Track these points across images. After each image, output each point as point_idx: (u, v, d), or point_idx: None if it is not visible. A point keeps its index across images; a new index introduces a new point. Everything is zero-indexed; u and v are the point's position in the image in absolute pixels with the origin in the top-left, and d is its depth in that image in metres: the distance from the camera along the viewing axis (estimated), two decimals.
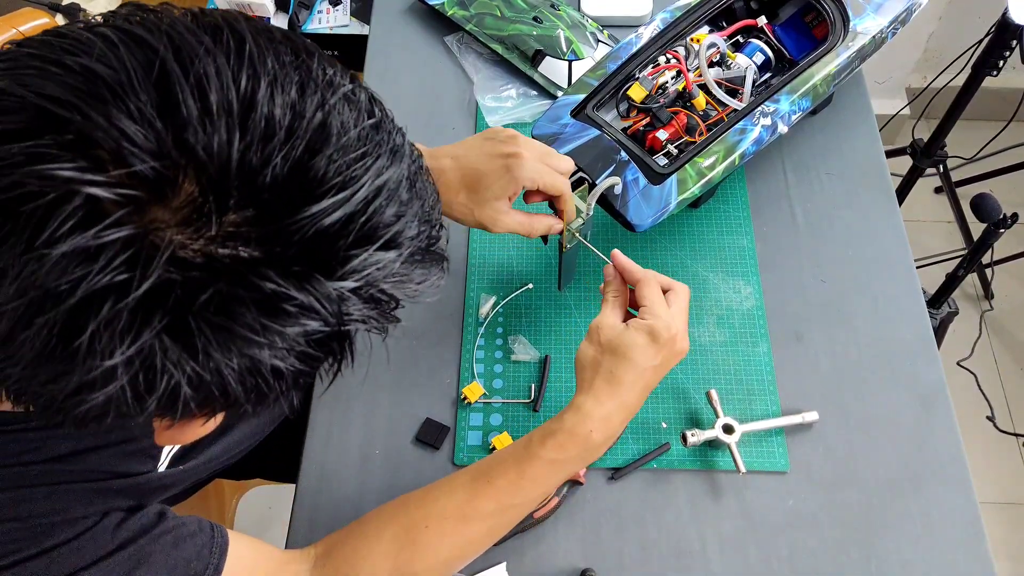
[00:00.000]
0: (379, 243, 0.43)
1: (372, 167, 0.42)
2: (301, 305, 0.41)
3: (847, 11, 0.95)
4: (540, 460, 0.71)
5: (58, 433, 0.58)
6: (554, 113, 0.92)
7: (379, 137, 0.44)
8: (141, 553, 0.60)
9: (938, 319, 1.61)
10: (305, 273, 0.40)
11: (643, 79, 0.94)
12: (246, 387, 0.42)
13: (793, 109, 0.91)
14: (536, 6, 1.17)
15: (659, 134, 0.91)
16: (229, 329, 0.39)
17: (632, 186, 0.86)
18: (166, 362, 0.39)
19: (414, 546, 0.71)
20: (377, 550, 0.71)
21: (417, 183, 0.46)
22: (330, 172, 0.40)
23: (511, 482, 0.71)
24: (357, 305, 0.44)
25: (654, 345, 0.70)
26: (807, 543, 0.82)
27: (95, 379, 0.39)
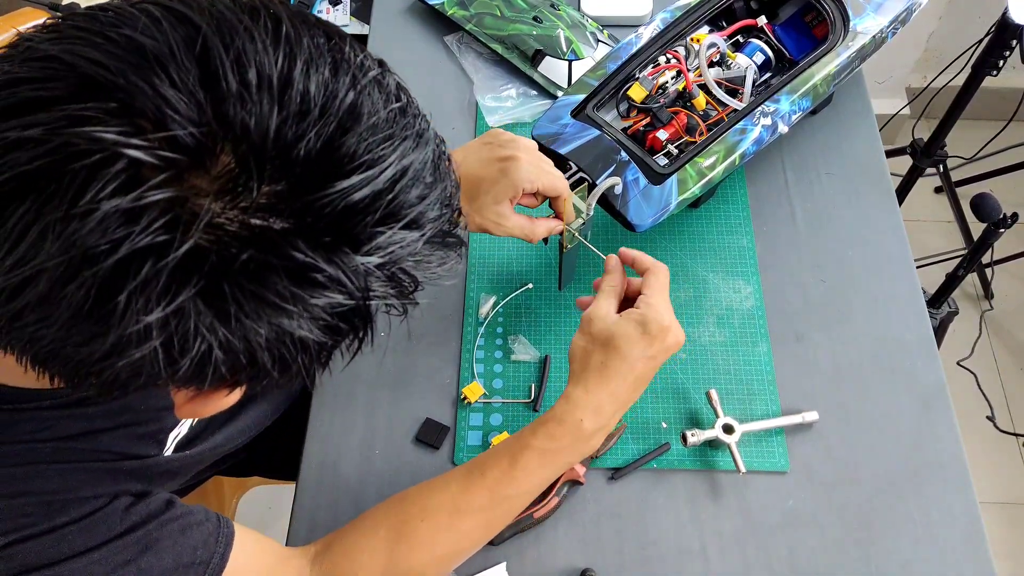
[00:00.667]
0: (403, 222, 0.44)
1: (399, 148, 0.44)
2: (329, 277, 0.42)
3: (847, 11, 0.95)
4: (532, 450, 0.71)
5: (70, 413, 0.59)
6: (554, 113, 0.92)
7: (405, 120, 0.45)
8: (149, 538, 0.61)
9: (938, 319, 1.61)
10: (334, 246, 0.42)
11: (643, 79, 0.94)
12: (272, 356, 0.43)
13: (793, 109, 0.91)
14: (536, 6, 1.17)
15: (659, 134, 0.91)
16: (260, 296, 0.41)
17: (632, 186, 0.86)
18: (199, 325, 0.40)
19: (408, 540, 0.71)
20: (372, 544, 0.72)
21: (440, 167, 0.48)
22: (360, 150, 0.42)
23: (504, 473, 0.72)
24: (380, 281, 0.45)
25: (645, 336, 0.70)
26: (807, 543, 0.82)
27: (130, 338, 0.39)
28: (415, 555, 0.71)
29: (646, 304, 0.71)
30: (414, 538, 0.71)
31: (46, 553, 0.56)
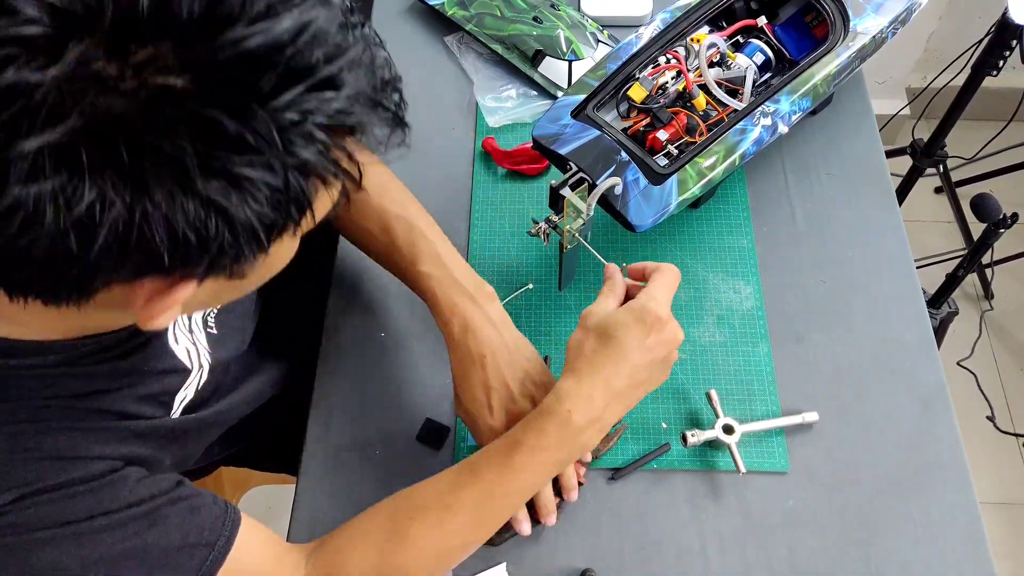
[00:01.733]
0: (315, 79, 0.43)
1: (296, 6, 0.43)
2: (234, 135, 0.41)
3: (847, 11, 0.95)
4: (522, 447, 0.70)
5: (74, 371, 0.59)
6: (554, 114, 0.92)
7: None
8: (158, 513, 0.61)
9: (938, 319, 1.61)
10: (238, 102, 0.41)
11: (643, 79, 0.94)
12: (194, 230, 0.42)
13: (793, 109, 0.91)
14: (536, 6, 1.17)
15: (659, 134, 0.91)
16: (165, 159, 0.40)
17: (632, 186, 0.86)
18: (105, 192, 0.40)
19: (399, 538, 0.71)
20: (364, 542, 0.72)
21: (357, 33, 0.46)
22: (247, 6, 0.41)
23: (494, 471, 0.71)
24: (303, 145, 0.43)
25: (640, 324, 0.69)
26: (807, 543, 0.82)
27: (26, 204, 0.39)
28: (406, 553, 0.71)
29: (647, 296, 0.71)
30: (404, 536, 0.71)
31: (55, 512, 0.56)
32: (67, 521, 0.57)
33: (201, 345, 0.75)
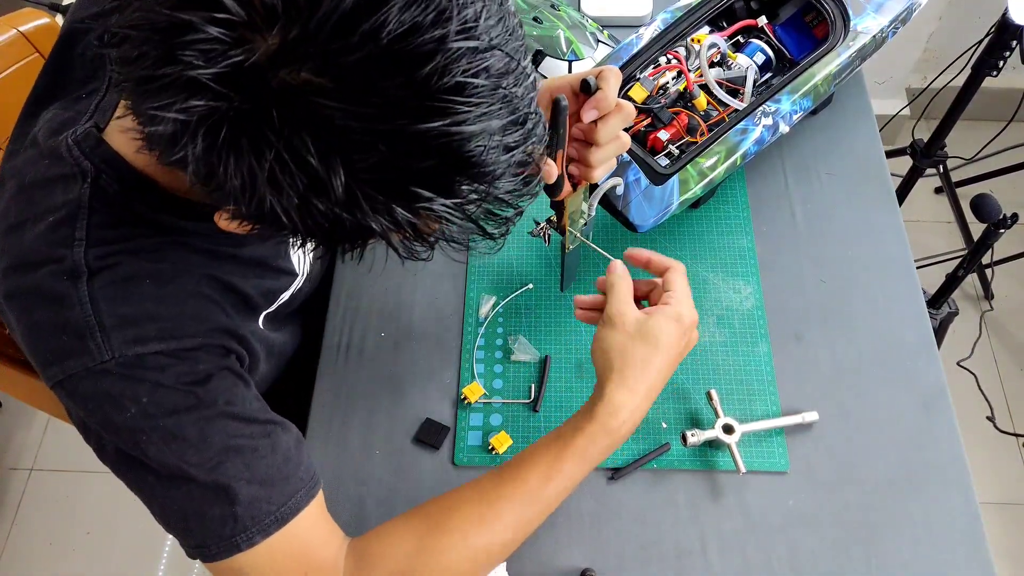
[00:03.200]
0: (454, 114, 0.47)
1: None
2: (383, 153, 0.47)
3: (847, 11, 0.95)
4: (572, 452, 0.71)
5: (224, 252, 0.70)
6: None
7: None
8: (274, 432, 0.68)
9: (938, 319, 1.61)
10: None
11: (644, 80, 0.94)
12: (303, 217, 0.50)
13: (794, 109, 0.91)
14: (536, 6, 1.17)
15: (660, 135, 0.91)
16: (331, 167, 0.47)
17: (634, 187, 0.86)
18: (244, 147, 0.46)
19: (439, 529, 0.71)
20: (404, 530, 0.72)
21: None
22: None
23: (541, 473, 0.71)
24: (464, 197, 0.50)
25: (679, 330, 0.71)
26: (807, 543, 0.82)
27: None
28: (445, 544, 0.70)
29: (676, 300, 0.72)
30: (444, 527, 0.71)
31: (218, 383, 0.65)
32: (214, 401, 0.64)
33: (307, 255, 0.86)
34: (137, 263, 0.63)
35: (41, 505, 1.74)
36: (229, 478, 0.64)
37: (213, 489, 0.63)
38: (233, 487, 0.64)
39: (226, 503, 0.64)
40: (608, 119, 0.70)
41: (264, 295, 0.77)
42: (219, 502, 0.64)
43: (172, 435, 0.62)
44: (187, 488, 0.63)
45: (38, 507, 1.74)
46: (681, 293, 0.73)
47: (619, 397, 0.71)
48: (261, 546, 0.65)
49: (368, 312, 0.96)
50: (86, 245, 0.62)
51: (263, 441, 0.66)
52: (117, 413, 0.62)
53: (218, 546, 0.65)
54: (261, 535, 0.65)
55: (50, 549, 1.69)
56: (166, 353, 0.62)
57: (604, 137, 0.71)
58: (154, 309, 0.63)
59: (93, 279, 0.61)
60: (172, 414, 0.62)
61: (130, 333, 0.61)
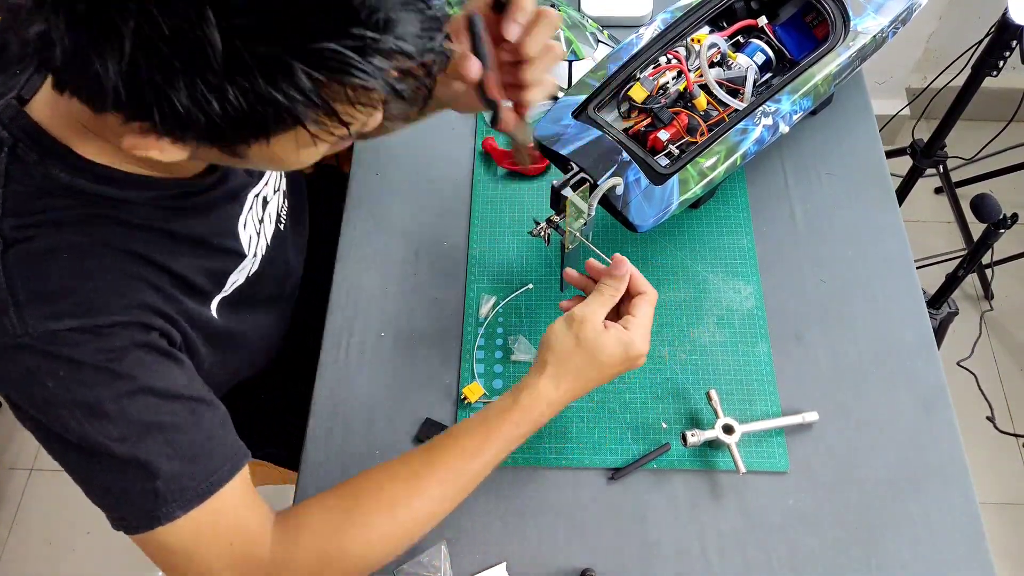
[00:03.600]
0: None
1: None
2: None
3: (848, 11, 0.95)
4: (497, 436, 0.75)
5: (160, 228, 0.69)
6: (555, 114, 0.92)
7: None
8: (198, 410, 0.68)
9: (938, 319, 1.61)
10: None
11: (644, 79, 0.94)
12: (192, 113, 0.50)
13: (794, 109, 0.91)
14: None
15: (660, 134, 0.91)
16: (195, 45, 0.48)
17: (634, 187, 0.86)
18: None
19: (367, 502, 0.73)
20: (331, 503, 0.74)
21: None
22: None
23: (467, 453, 0.75)
24: (288, 82, 0.50)
25: (623, 356, 0.75)
26: (807, 543, 0.82)
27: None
28: (371, 519, 0.72)
29: (635, 327, 0.75)
30: (371, 503, 0.73)
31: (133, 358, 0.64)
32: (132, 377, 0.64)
33: (264, 237, 0.84)
34: (57, 235, 0.63)
35: (41, 505, 1.74)
36: (149, 454, 0.64)
37: (133, 464, 0.64)
38: (153, 462, 0.64)
39: (147, 478, 0.64)
40: (532, 30, 0.69)
41: (209, 276, 0.76)
42: (139, 477, 0.65)
43: (91, 411, 0.63)
44: (108, 463, 0.64)
45: (38, 507, 1.74)
46: (641, 322, 0.76)
47: (546, 391, 0.75)
48: (182, 520, 0.66)
49: (368, 312, 0.96)
50: (2, 214, 0.61)
51: (187, 418, 0.67)
52: (37, 389, 0.62)
53: (139, 519, 0.66)
54: (182, 510, 0.66)
55: (50, 549, 1.69)
56: (81, 329, 0.62)
57: (532, 48, 0.70)
58: (70, 284, 0.62)
59: (8, 251, 0.61)
60: (90, 390, 0.63)
61: (45, 309, 0.61)
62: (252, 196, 0.81)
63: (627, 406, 0.90)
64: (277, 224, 0.88)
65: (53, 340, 0.61)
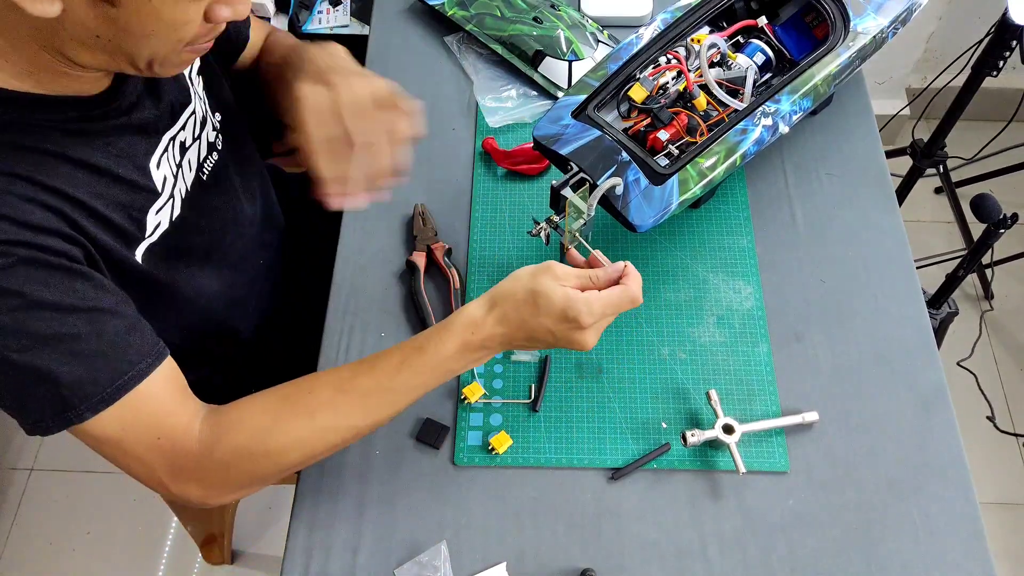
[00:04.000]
0: None
1: None
2: None
3: (848, 11, 0.95)
4: (424, 353, 0.75)
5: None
6: (555, 114, 0.92)
7: None
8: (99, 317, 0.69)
9: (938, 319, 1.61)
10: None
11: (644, 80, 0.94)
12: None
13: (794, 109, 0.91)
14: (536, 6, 1.18)
15: (660, 134, 0.91)
16: None
17: (633, 187, 0.86)
18: None
19: (293, 407, 0.76)
20: (262, 404, 0.76)
21: None
22: None
23: (393, 368, 0.75)
24: None
25: (562, 318, 0.72)
26: (807, 543, 0.82)
27: None
28: (297, 423, 0.75)
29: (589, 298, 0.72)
30: (299, 407, 0.75)
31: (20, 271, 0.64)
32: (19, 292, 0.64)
33: (182, 180, 0.83)
34: None
35: (41, 505, 1.74)
36: (49, 363, 0.66)
37: (35, 374, 0.66)
38: (54, 371, 0.67)
39: (50, 385, 0.67)
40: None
41: (124, 213, 0.75)
42: (43, 384, 0.67)
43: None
44: (12, 373, 0.66)
45: (38, 507, 1.74)
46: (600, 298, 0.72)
47: (478, 317, 0.75)
48: (97, 419, 0.69)
49: (368, 312, 0.96)
50: None
51: (85, 328, 0.68)
52: None
53: (52, 421, 0.69)
54: (91, 412, 0.69)
55: (50, 549, 1.69)
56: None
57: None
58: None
59: None
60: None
61: None
62: (168, 138, 0.81)
63: (627, 406, 0.90)
64: (199, 174, 0.87)
65: None
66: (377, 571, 0.81)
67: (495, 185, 1.06)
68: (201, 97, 0.87)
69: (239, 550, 1.66)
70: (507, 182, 1.06)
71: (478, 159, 1.08)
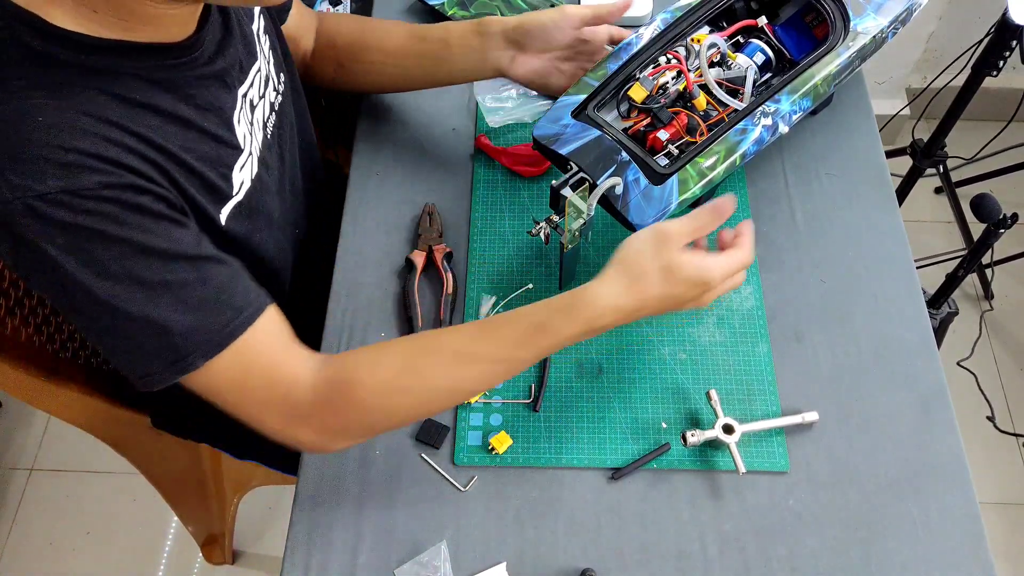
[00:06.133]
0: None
1: None
2: None
3: (847, 11, 0.95)
4: (547, 331, 0.75)
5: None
6: (555, 114, 0.92)
7: None
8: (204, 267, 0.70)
9: (938, 319, 1.61)
10: None
11: (644, 79, 0.94)
12: None
13: (794, 109, 0.91)
14: (536, 6, 1.17)
15: (660, 134, 0.91)
16: None
17: (633, 186, 0.86)
18: None
19: (414, 365, 0.77)
20: (383, 359, 0.77)
21: None
22: None
23: (513, 341, 0.76)
24: None
25: (699, 282, 0.74)
26: (807, 543, 0.82)
27: None
28: (414, 379, 0.76)
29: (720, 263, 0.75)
30: (418, 364, 0.77)
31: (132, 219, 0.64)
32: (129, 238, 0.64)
33: (256, 137, 0.85)
34: (35, 99, 0.62)
35: (41, 505, 1.74)
36: (159, 311, 0.66)
37: (145, 322, 0.66)
38: (166, 319, 0.67)
39: (163, 334, 0.67)
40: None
41: (213, 167, 0.75)
42: (155, 334, 0.67)
43: (96, 274, 0.64)
44: (123, 323, 0.66)
45: (38, 507, 1.74)
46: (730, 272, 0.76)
47: (608, 295, 0.74)
48: (208, 367, 0.70)
49: (368, 311, 0.96)
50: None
51: (191, 275, 0.68)
52: (39, 256, 0.63)
53: (161, 373, 0.69)
54: (202, 359, 0.69)
55: (50, 549, 1.69)
56: (68, 191, 0.61)
57: None
58: (51, 147, 0.61)
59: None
60: (90, 254, 0.63)
61: (27, 170, 0.60)
62: (240, 94, 0.81)
63: (627, 406, 0.90)
64: (265, 132, 0.88)
65: (42, 203, 0.61)
66: (377, 571, 0.81)
67: (495, 185, 1.06)
68: (267, 57, 0.88)
69: (240, 550, 1.66)
70: (507, 182, 1.06)
71: (478, 159, 1.08)
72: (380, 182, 1.06)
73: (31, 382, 0.94)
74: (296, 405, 0.74)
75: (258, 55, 0.86)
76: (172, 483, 1.34)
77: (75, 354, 1.04)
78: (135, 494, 1.72)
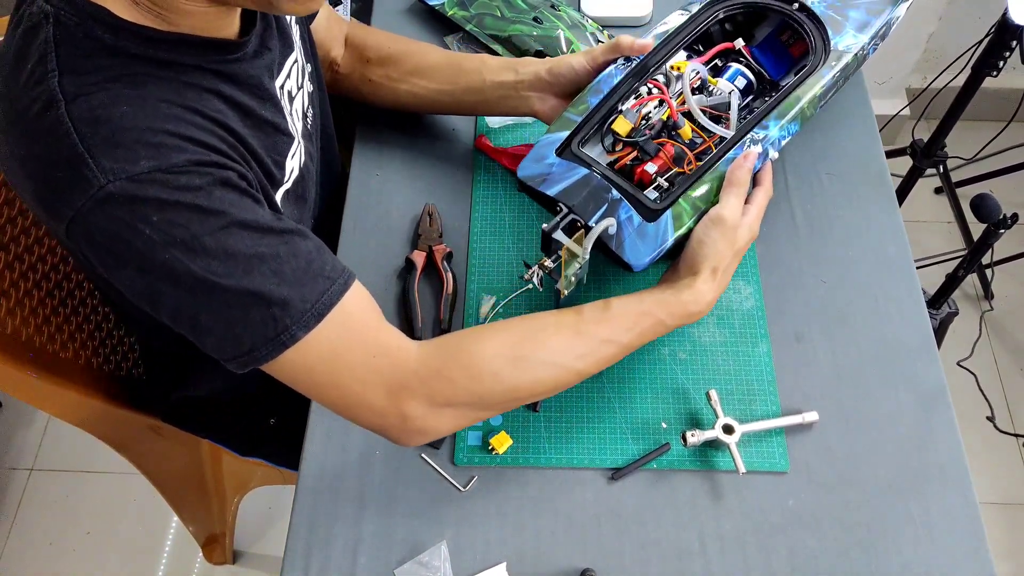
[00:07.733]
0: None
1: None
2: None
3: (827, 30, 0.93)
4: (652, 319, 0.81)
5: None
6: (538, 153, 0.88)
7: None
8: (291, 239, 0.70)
9: (938, 319, 1.61)
10: None
11: (627, 112, 0.90)
12: None
13: (783, 134, 0.88)
14: (536, 6, 1.18)
15: (648, 167, 0.87)
16: None
17: (627, 224, 0.83)
18: None
19: (533, 340, 0.78)
20: (494, 332, 0.79)
21: None
22: None
23: (624, 325, 0.80)
24: None
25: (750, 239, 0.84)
26: (807, 543, 0.82)
27: None
28: (531, 357, 0.77)
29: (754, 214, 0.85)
30: (536, 342, 0.78)
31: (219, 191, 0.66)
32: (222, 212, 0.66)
33: (298, 127, 0.87)
34: (115, 89, 0.64)
35: (41, 505, 1.74)
36: (257, 283, 0.67)
37: (246, 295, 0.67)
38: (265, 290, 0.67)
39: (263, 306, 0.67)
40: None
41: (270, 153, 0.78)
42: (256, 305, 0.67)
43: (191, 249, 0.65)
44: (223, 298, 0.66)
45: (38, 507, 1.74)
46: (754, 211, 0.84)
47: (704, 289, 0.82)
48: (308, 339, 0.69)
49: None
50: (59, 74, 0.63)
51: (282, 248, 0.69)
52: (134, 237, 0.63)
53: (266, 347, 0.68)
54: (303, 330, 0.69)
55: (50, 549, 1.69)
56: (160, 170, 0.63)
57: None
58: (140, 131, 0.64)
59: (71, 105, 0.62)
60: (185, 228, 0.64)
61: (119, 154, 0.62)
62: (279, 87, 0.83)
63: (627, 406, 0.90)
64: (304, 123, 0.90)
65: (136, 184, 0.62)
66: (377, 571, 0.81)
67: (495, 185, 1.06)
68: (300, 48, 0.90)
69: (240, 550, 1.66)
70: (507, 182, 1.06)
71: (478, 159, 1.08)
72: (380, 182, 1.06)
73: (31, 382, 0.94)
74: (403, 373, 0.74)
75: (294, 46, 0.87)
76: (172, 483, 1.34)
77: (76, 354, 1.04)
78: (135, 494, 1.72)
